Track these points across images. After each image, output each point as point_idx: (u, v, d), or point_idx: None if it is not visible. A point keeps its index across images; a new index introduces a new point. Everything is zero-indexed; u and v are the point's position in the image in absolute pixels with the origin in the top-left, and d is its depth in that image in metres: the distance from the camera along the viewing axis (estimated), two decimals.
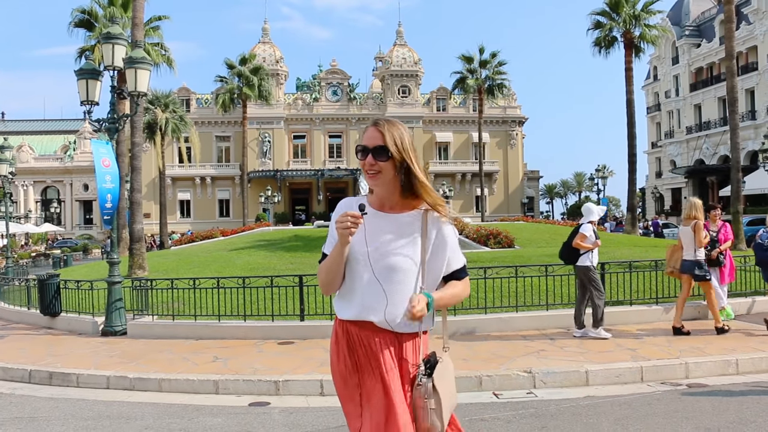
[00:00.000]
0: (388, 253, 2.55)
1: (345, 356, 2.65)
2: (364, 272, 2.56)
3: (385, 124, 2.58)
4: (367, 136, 2.58)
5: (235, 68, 47.06)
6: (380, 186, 2.60)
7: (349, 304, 2.63)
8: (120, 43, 11.25)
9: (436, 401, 2.56)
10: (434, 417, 2.55)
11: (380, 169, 2.55)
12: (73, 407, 6.78)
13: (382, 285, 2.54)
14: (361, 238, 2.55)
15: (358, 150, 2.60)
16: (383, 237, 2.57)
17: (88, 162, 58.92)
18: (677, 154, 58.79)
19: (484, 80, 46.66)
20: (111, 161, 11.33)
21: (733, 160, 20.52)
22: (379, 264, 2.54)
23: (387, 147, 2.53)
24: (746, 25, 48.35)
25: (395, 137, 2.55)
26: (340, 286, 2.65)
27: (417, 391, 2.57)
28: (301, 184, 63.56)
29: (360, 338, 2.62)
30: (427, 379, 2.57)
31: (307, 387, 6.96)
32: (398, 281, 2.54)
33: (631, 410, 5.89)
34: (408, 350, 2.63)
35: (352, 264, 2.59)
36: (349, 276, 2.61)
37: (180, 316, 10.59)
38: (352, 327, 2.64)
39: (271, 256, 17.53)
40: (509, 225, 25.16)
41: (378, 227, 2.59)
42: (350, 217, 2.43)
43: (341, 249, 2.52)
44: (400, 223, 2.60)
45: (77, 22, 26.37)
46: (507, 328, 9.56)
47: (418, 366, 2.61)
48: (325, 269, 2.62)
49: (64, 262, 30.40)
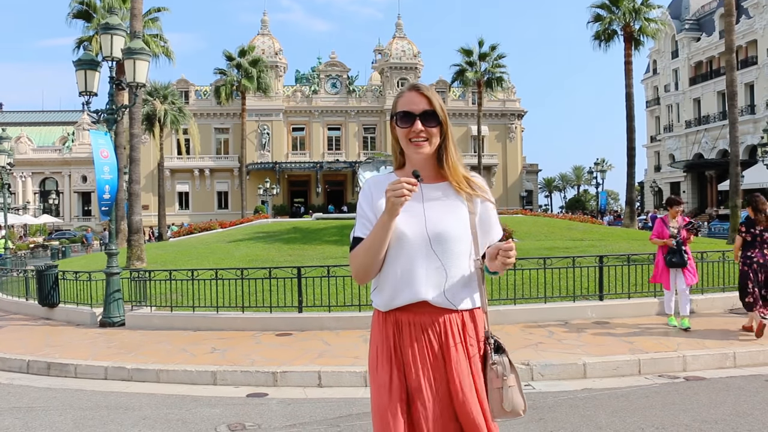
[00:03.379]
0: (441, 223, 2.34)
1: (397, 352, 2.38)
2: (417, 245, 2.32)
3: (427, 88, 2.39)
4: (408, 101, 2.36)
5: (234, 60, 46.88)
6: (423, 156, 2.38)
7: (399, 290, 2.35)
8: (118, 33, 11.21)
9: (515, 378, 2.38)
10: (516, 395, 2.37)
11: (429, 136, 2.35)
12: (71, 397, 6.78)
13: (439, 257, 2.32)
14: (414, 208, 2.33)
15: (398, 117, 2.37)
16: (433, 207, 2.36)
17: (86, 153, 58.85)
18: (676, 148, 58.81)
19: (483, 73, 46.51)
20: (110, 152, 11.31)
21: (732, 154, 20.49)
22: (434, 234, 2.33)
23: (435, 111, 2.35)
24: (746, 19, 48.28)
25: (440, 102, 2.38)
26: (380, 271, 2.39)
27: (492, 372, 2.36)
28: (299, 176, 63.45)
29: (418, 326, 2.36)
30: (500, 356, 2.38)
31: (305, 378, 6.96)
32: (453, 252, 2.34)
33: (629, 402, 5.90)
34: (472, 328, 2.40)
35: (398, 241, 2.33)
36: (394, 256, 2.35)
37: (178, 308, 10.59)
38: (404, 315, 2.37)
39: (270, 248, 17.52)
40: (508, 218, 25.12)
41: (428, 197, 2.38)
42: (406, 183, 2.16)
43: (389, 222, 2.24)
44: (448, 192, 2.40)
45: (76, 13, 26.27)
46: (505, 320, 9.57)
47: (485, 343, 2.41)
48: (365, 249, 2.31)
49: (62, 254, 30.38)
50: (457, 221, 2.36)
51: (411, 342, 2.35)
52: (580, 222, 26.05)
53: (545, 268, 10.45)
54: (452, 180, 2.40)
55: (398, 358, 2.38)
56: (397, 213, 2.22)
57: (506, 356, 2.39)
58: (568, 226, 22.76)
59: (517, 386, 2.38)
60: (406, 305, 2.35)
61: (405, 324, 2.37)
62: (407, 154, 2.42)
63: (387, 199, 2.20)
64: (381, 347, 2.41)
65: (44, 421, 5.90)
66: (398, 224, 2.30)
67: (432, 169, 2.43)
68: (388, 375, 2.36)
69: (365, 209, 2.41)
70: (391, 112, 2.46)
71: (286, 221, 30.41)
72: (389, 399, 2.34)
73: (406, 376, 2.36)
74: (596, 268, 10.39)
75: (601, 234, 20.71)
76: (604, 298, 10.18)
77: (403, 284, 2.34)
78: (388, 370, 2.37)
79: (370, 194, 2.43)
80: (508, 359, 2.39)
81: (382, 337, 2.42)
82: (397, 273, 2.34)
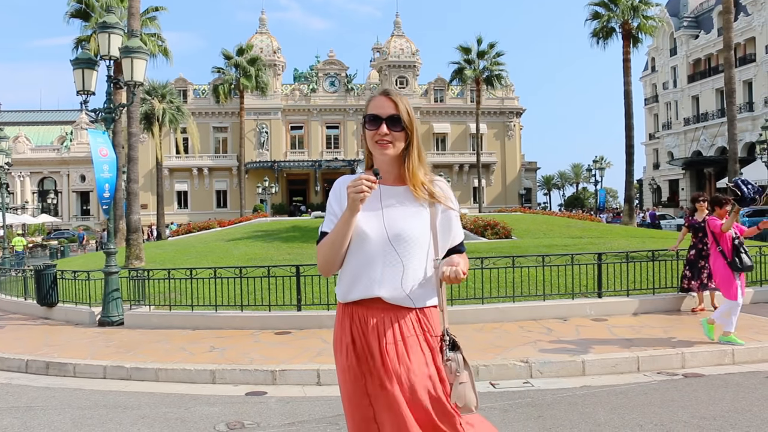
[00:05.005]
0: (399, 222, 2.45)
1: (353, 344, 2.50)
2: (376, 243, 2.43)
3: (396, 94, 2.50)
4: (377, 104, 2.48)
5: (232, 59, 46.88)
6: (390, 158, 2.50)
7: (355, 283, 2.48)
8: (116, 32, 11.18)
9: (468, 374, 2.47)
10: (468, 391, 2.46)
11: (393, 140, 2.47)
12: (70, 397, 6.78)
13: (398, 254, 2.43)
14: (373, 206, 2.45)
15: (367, 119, 2.49)
16: (392, 206, 2.49)
17: (84, 153, 58.84)
18: (675, 146, 58.84)
19: (482, 71, 46.53)
20: (108, 151, 11.29)
21: (731, 151, 20.55)
22: (393, 232, 2.43)
23: (401, 116, 2.46)
24: (744, 16, 48.30)
25: (407, 107, 2.49)
26: (341, 265, 2.52)
27: (447, 368, 2.46)
28: (298, 175, 63.45)
29: (368, 318, 2.48)
30: (454, 353, 2.47)
31: (304, 376, 6.96)
32: (411, 251, 2.44)
33: (627, 400, 5.90)
34: (427, 324, 2.51)
35: (358, 238, 2.45)
36: (353, 252, 2.48)
37: (177, 306, 10.59)
38: (360, 309, 2.50)
39: (269, 247, 17.51)
40: (507, 216, 25.15)
41: (389, 197, 2.51)
42: (365, 180, 2.30)
43: (350, 217, 2.38)
44: (408, 195, 2.51)
45: (73, 12, 26.25)
46: (504, 318, 9.57)
47: (442, 339, 2.50)
48: (329, 243, 2.46)
49: (61, 253, 30.37)
50: (414, 222, 2.47)
51: (369, 334, 2.47)
52: (579, 220, 26.05)
53: (544, 265, 10.46)
54: (409, 184, 2.51)
55: (356, 349, 2.49)
56: (357, 208, 2.35)
57: (460, 353, 2.49)
58: (567, 224, 22.75)
59: (469, 382, 2.47)
60: (362, 300, 2.48)
61: (361, 317, 2.49)
62: (374, 155, 2.54)
63: (348, 195, 2.34)
64: (339, 337, 2.57)
65: (43, 420, 5.90)
66: (359, 222, 2.43)
67: (396, 172, 2.55)
68: (345, 364, 2.52)
69: (333, 206, 2.54)
70: (363, 114, 2.57)
71: (285, 220, 30.39)
72: (353, 384, 2.49)
73: (369, 366, 2.46)
74: (595, 265, 10.39)
75: (599, 231, 20.71)
76: (602, 295, 10.19)
77: (359, 280, 2.47)
78: (345, 357, 2.52)
79: (340, 192, 2.55)
80: (462, 356, 2.48)
81: (340, 327, 2.58)
82: (354, 268, 2.48)
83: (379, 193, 2.46)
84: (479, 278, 10.07)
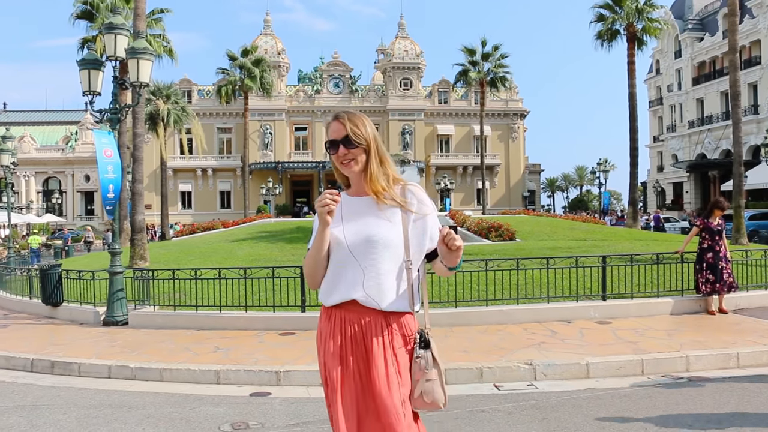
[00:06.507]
0: (364, 228, 2.59)
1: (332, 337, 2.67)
2: (342, 250, 2.60)
3: (345, 116, 2.66)
4: (332, 129, 2.66)
5: (237, 60, 46.95)
6: (356, 174, 2.66)
7: (334, 288, 2.64)
8: (122, 33, 11.23)
9: (437, 372, 2.60)
10: (437, 388, 2.58)
11: (354, 157, 2.63)
12: (75, 396, 6.81)
13: (357, 260, 2.58)
14: (338, 218, 2.61)
15: (327, 146, 2.68)
16: (360, 214, 2.64)
17: (89, 153, 58.95)
18: (679, 148, 58.70)
19: (486, 73, 46.48)
20: (113, 151, 11.32)
21: (736, 154, 20.46)
22: (355, 238, 2.58)
23: (350, 135, 2.61)
24: (750, 18, 48.17)
25: (357, 124, 2.64)
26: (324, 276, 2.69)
27: (416, 365, 2.59)
28: (302, 176, 63.52)
29: (347, 321, 2.63)
30: (424, 351, 2.60)
31: (308, 377, 6.97)
32: (374, 256, 2.57)
33: (632, 402, 5.90)
34: (398, 327, 2.63)
35: (333, 246, 2.63)
36: (331, 261, 2.65)
37: (181, 307, 10.61)
38: (338, 312, 2.66)
39: (273, 248, 17.54)
40: (510, 218, 25.15)
41: (355, 207, 2.66)
42: (328, 194, 2.49)
43: (323, 231, 2.59)
44: (370, 203, 2.65)
45: (79, 13, 26.34)
46: (508, 320, 9.57)
47: (414, 340, 2.64)
48: (309, 257, 2.67)
49: (65, 253, 30.44)
50: (376, 228, 2.59)
51: (339, 334, 2.65)
52: (583, 222, 26.03)
53: (548, 268, 10.46)
54: (370, 192, 2.65)
55: (331, 347, 2.67)
56: (326, 221, 2.54)
57: (431, 352, 2.61)
58: (571, 227, 22.75)
59: (438, 380, 2.60)
60: (341, 303, 2.64)
61: (337, 318, 2.67)
62: (344, 173, 2.72)
63: (316, 210, 2.55)
64: (321, 332, 2.75)
65: (49, 419, 5.92)
66: (332, 232, 2.62)
67: (364, 184, 2.70)
68: (325, 349, 2.71)
69: (315, 222, 2.70)
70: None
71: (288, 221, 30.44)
72: (326, 380, 2.71)
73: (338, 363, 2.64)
74: (599, 268, 10.39)
75: (603, 234, 20.70)
76: (607, 298, 10.18)
77: (336, 285, 2.64)
78: (325, 346, 2.71)
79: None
80: (432, 354, 2.61)
81: (320, 328, 2.77)
82: (330, 274, 2.67)
83: (341, 205, 2.61)
84: (483, 280, 10.06)
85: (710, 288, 9.89)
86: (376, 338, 2.59)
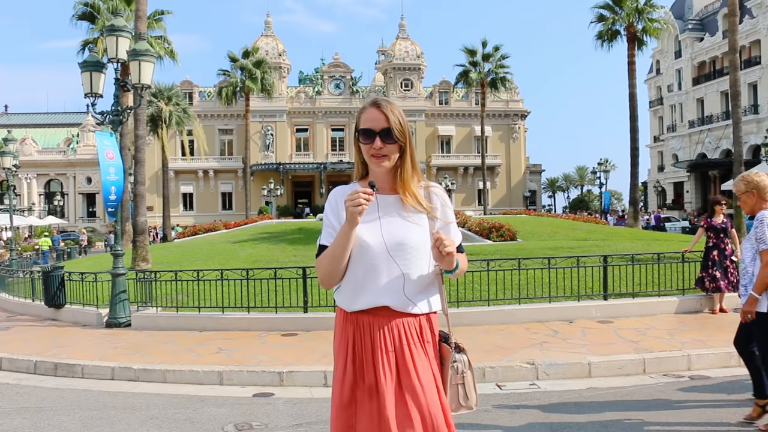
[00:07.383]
0: (400, 231, 2.45)
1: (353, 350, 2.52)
2: (376, 253, 2.43)
3: (387, 105, 2.47)
4: (369, 117, 2.46)
5: (238, 61, 47.01)
6: (384, 170, 2.49)
7: (360, 293, 2.47)
8: (124, 35, 11.26)
9: (472, 375, 2.58)
10: (471, 391, 2.58)
11: (388, 153, 2.45)
12: (79, 397, 6.83)
13: (398, 264, 2.43)
14: (371, 217, 2.45)
15: (360, 133, 2.47)
16: (390, 216, 2.48)
17: (91, 155, 58.94)
18: (679, 148, 58.68)
19: (487, 74, 46.49)
20: (115, 153, 11.36)
21: (736, 154, 20.46)
22: (392, 240, 2.43)
23: (392, 129, 2.43)
24: (750, 18, 48.15)
25: (399, 118, 2.46)
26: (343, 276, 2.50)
27: (453, 369, 2.53)
28: (303, 177, 63.50)
29: (376, 326, 2.48)
30: (460, 355, 2.55)
31: (311, 378, 7.00)
32: (411, 260, 2.45)
33: (634, 402, 5.92)
34: (428, 330, 2.54)
35: (359, 249, 2.44)
36: (355, 263, 2.46)
37: (184, 308, 10.64)
38: (365, 317, 2.49)
39: (275, 249, 17.57)
40: (512, 218, 25.16)
41: (384, 207, 2.50)
42: (362, 193, 2.28)
43: (350, 231, 2.35)
44: (405, 203, 2.50)
45: (80, 15, 26.33)
46: (510, 320, 9.59)
47: (446, 342, 2.58)
48: (329, 257, 2.43)
49: (67, 255, 30.48)
50: (413, 231, 2.47)
51: (370, 341, 2.48)
52: (584, 222, 26.04)
53: (549, 267, 10.48)
54: (401, 194, 2.51)
55: (356, 355, 2.51)
56: (356, 222, 2.33)
57: (465, 355, 2.58)
58: (572, 226, 22.76)
59: (472, 383, 2.59)
60: (368, 308, 2.49)
61: (365, 325, 2.50)
62: (370, 167, 2.53)
63: (346, 209, 2.32)
64: (340, 344, 2.58)
65: (52, 421, 5.95)
66: (359, 233, 2.41)
67: (392, 181, 2.55)
68: (342, 370, 2.53)
69: (330, 218, 2.52)
70: (354, 126, 2.55)
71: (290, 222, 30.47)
72: (340, 393, 2.52)
73: (364, 373, 2.49)
74: (600, 267, 10.41)
75: (605, 234, 20.71)
76: (608, 297, 10.20)
77: (364, 289, 2.47)
78: (343, 366, 2.53)
79: (336, 203, 2.54)
80: (467, 358, 2.58)
81: (342, 334, 2.58)
82: (359, 278, 2.47)
83: (377, 204, 2.45)
84: (485, 280, 10.09)
85: (715, 285, 9.91)
86: (415, 345, 2.47)
